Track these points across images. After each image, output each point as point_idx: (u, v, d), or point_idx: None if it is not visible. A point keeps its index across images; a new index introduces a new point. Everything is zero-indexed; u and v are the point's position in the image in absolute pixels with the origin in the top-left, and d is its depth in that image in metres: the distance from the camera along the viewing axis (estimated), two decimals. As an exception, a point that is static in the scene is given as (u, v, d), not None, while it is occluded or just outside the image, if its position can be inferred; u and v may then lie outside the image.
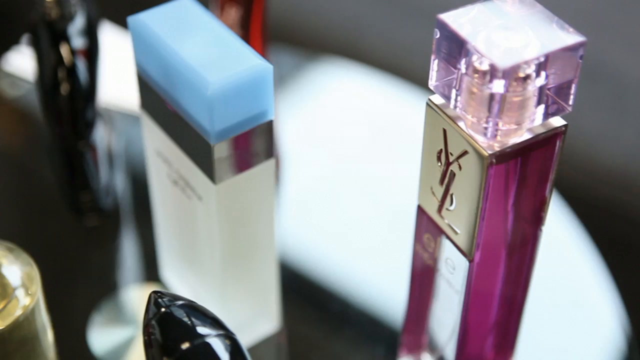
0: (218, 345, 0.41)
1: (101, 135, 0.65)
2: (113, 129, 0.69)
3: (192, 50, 0.47)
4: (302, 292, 0.65)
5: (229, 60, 0.47)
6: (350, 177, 0.73)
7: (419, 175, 0.46)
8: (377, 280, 0.65)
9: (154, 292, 0.44)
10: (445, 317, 0.51)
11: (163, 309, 0.43)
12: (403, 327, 0.56)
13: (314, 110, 0.78)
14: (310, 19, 0.96)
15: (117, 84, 0.75)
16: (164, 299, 0.43)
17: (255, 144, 0.49)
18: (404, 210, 0.69)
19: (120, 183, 0.69)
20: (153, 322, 0.43)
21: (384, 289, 0.65)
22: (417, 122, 0.77)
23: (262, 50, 0.62)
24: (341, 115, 0.78)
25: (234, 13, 0.60)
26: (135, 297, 0.63)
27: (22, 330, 0.50)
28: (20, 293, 0.49)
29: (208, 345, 0.41)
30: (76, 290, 0.60)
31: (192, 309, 0.43)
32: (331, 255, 0.67)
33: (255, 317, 0.59)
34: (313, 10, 1.00)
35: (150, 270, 0.65)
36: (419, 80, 0.81)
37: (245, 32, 0.61)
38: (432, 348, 0.55)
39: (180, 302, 0.43)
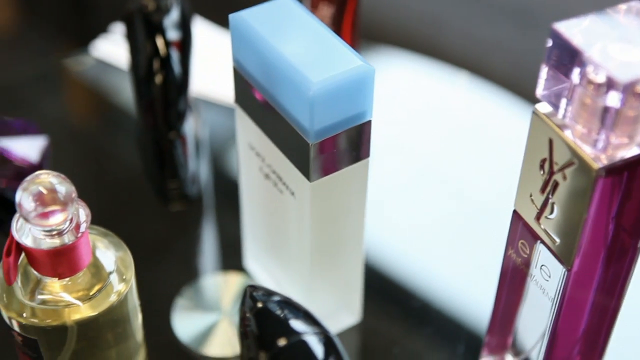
0: (314, 343, 0.42)
1: (190, 125, 0.66)
2: (200, 120, 0.70)
3: (293, 49, 0.48)
4: (384, 287, 0.65)
5: (331, 60, 0.47)
6: (432, 174, 0.73)
7: (517, 180, 0.46)
8: (459, 279, 0.66)
9: (250, 286, 0.45)
10: (534, 322, 0.51)
11: (259, 304, 0.44)
12: (488, 328, 0.56)
13: (394, 108, 0.78)
14: (390, 15, 0.96)
15: (205, 76, 0.76)
16: (259, 293, 0.44)
17: (352, 144, 0.49)
18: (488, 210, 0.69)
19: (205, 172, 0.70)
20: (249, 315, 0.43)
21: (466, 289, 0.65)
22: (498, 120, 0.77)
23: (353, 48, 0.63)
24: (421, 113, 0.78)
25: (326, 10, 0.61)
26: (219, 283, 0.64)
27: (115, 314, 0.51)
28: (114, 278, 0.50)
29: (304, 342, 0.42)
30: (160, 274, 0.62)
31: (288, 305, 0.44)
32: (413, 252, 0.67)
33: (338, 309, 0.60)
34: (392, 5, 1.00)
35: (233, 259, 0.66)
36: (497, 78, 0.81)
37: (337, 30, 0.61)
38: (516, 350, 0.55)
39: (276, 298, 0.44)
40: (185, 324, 0.62)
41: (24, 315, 0.48)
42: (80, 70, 0.82)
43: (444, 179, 0.72)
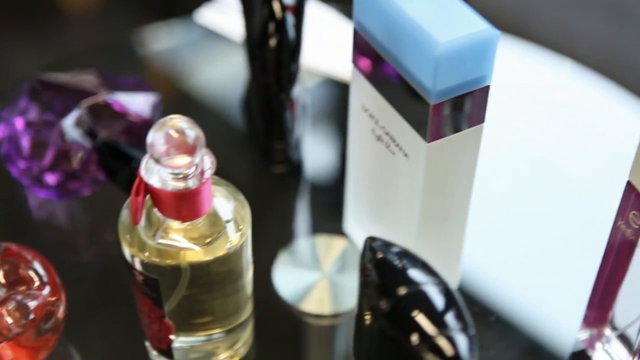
0: (434, 293, 0.43)
1: (298, 90, 0.67)
2: (305, 86, 0.72)
3: (419, 10, 0.49)
4: (482, 258, 0.66)
5: (456, 22, 0.48)
6: (525, 159, 0.73)
7: (634, 152, 0.47)
8: (559, 254, 0.66)
9: (369, 238, 0.46)
10: (637, 296, 0.52)
11: (379, 254, 0.45)
12: (588, 301, 0.57)
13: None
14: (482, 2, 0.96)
15: (313, 44, 0.77)
16: (379, 244, 0.45)
17: (470, 107, 0.50)
18: (586, 189, 0.70)
19: (307, 137, 0.72)
20: (369, 265, 0.45)
21: (565, 263, 0.65)
22: (598, 108, 0.77)
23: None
24: (522, 99, 0.79)
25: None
26: (319, 245, 0.66)
27: (229, 264, 0.53)
28: (231, 228, 0.52)
29: (424, 292, 0.43)
30: (260, 233, 0.63)
31: (407, 255, 0.45)
32: (512, 222, 0.68)
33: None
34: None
35: (333, 223, 0.68)
36: (589, 65, 0.81)
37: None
38: (615, 325, 0.55)
39: (395, 249, 0.45)
40: (285, 280, 0.64)
41: (146, 254, 0.50)
42: (186, 36, 0.84)
43: (535, 161, 0.73)
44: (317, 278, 0.64)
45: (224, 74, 0.81)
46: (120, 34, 0.84)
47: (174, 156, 0.47)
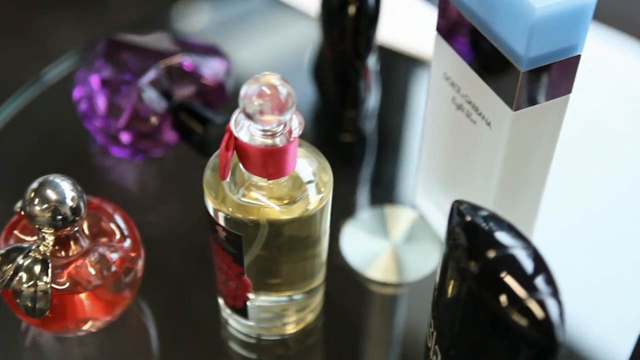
0: (523, 257, 0.43)
1: (373, 59, 0.68)
2: (377, 57, 0.72)
3: (513, -23, 0.49)
4: (554, 234, 0.66)
5: (552, -10, 0.48)
6: (602, 145, 0.73)
7: None
8: (622, 251, 0.66)
9: (456, 201, 0.46)
10: None
11: (468, 218, 0.45)
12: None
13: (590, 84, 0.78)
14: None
15: (388, 16, 0.77)
16: (466, 207, 0.45)
17: (559, 77, 0.50)
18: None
19: (379, 107, 0.72)
20: (458, 229, 0.45)
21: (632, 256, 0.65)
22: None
23: None
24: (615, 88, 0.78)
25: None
26: (388, 215, 0.66)
27: (307, 229, 0.53)
28: (312, 190, 0.52)
29: (513, 256, 0.43)
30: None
31: (495, 219, 0.45)
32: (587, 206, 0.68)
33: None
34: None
35: (401, 194, 0.68)
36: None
37: None
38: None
39: (483, 213, 0.45)
40: (352, 248, 0.64)
41: (230, 209, 0.51)
42: (243, 7, 0.85)
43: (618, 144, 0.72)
44: (384, 247, 0.64)
45: (289, 43, 0.81)
46: (168, 7, 0.85)
47: (265, 112, 0.47)
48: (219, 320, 0.60)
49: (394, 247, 0.64)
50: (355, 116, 0.69)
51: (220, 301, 0.59)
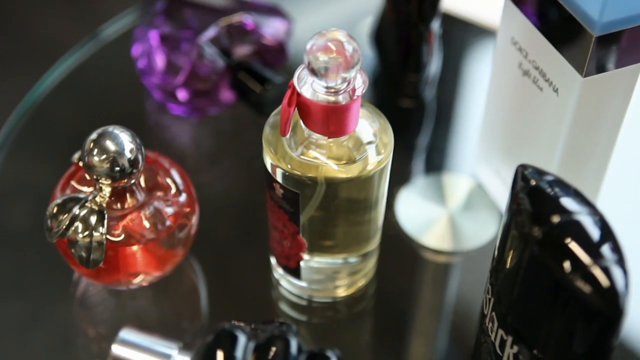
0: (589, 223, 0.42)
1: (437, 24, 0.66)
2: (440, 23, 0.71)
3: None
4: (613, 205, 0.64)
5: (630, -49, 0.46)
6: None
7: None
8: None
9: (521, 166, 0.45)
10: None
11: (532, 182, 0.44)
12: None
13: None
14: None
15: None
16: (531, 172, 0.44)
17: (631, 44, 0.49)
18: None
19: (439, 73, 0.71)
20: (522, 194, 0.44)
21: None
22: None
23: None
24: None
25: None
26: (445, 182, 0.65)
27: (364, 191, 0.52)
28: (372, 151, 0.51)
29: (578, 221, 0.42)
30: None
31: (561, 184, 0.44)
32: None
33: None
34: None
35: (458, 162, 0.67)
36: None
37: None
38: None
39: (548, 177, 0.44)
40: (408, 214, 0.63)
41: (289, 166, 0.50)
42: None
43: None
44: (440, 214, 0.63)
45: (350, 5, 0.80)
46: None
47: (330, 68, 0.46)
48: (270, 281, 0.59)
49: (450, 215, 0.63)
50: (416, 81, 0.67)
51: (273, 261, 0.58)
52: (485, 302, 0.49)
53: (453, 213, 0.63)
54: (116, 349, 0.42)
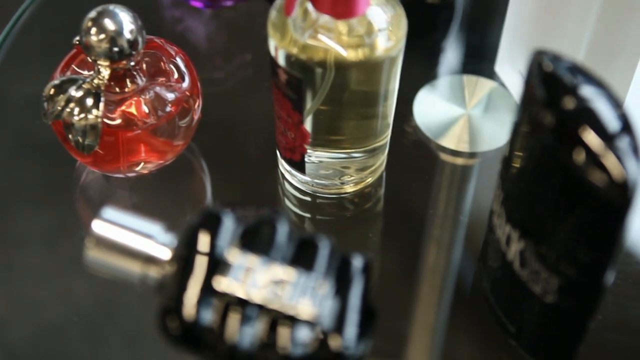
0: (606, 112, 0.39)
1: None
2: None
3: None
4: None
5: None
6: None
7: None
8: None
9: (538, 51, 0.42)
10: None
11: (548, 68, 0.41)
12: None
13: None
14: None
15: None
16: (549, 57, 0.41)
17: None
18: None
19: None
20: (535, 79, 0.41)
21: None
22: None
23: None
24: None
25: None
26: (466, 83, 0.62)
27: (372, 82, 0.49)
28: (383, 37, 0.48)
29: (594, 110, 0.39)
30: (407, 63, 0.60)
31: (578, 69, 0.41)
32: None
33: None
34: None
35: (484, 64, 0.64)
36: None
37: None
38: None
39: (565, 61, 0.41)
40: (426, 113, 0.60)
41: (295, 50, 0.47)
42: None
43: None
44: (459, 114, 0.60)
45: None
46: None
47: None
48: (276, 176, 0.57)
49: (469, 116, 0.60)
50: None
51: (279, 156, 0.56)
52: (495, 198, 0.47)
53: (473, 114, 0.60)
54: (98, 228, 0.40)
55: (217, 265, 0.37)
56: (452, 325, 0.52)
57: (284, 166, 0.56)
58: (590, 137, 0.38)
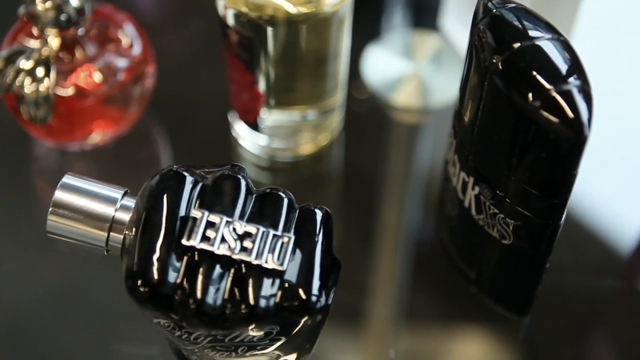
0: (550, 48, 0.39)
1: None
2: None
3: None
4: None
5: None
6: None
7: None
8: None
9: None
10: None
11: (494, 11, 0.41)
12: None
13: None
14: None
15: None
16: (494, 2, 0.42)
17: None
18: None
19: None
20: (481, 25, 0.41)
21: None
22: None
23: None
24: None
25: None
26: (414, 38, 0.62)
27: (321, 40, 0.50)
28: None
29: (540, 46, 0.39)
30: (355, 21, 0.60)
31: (524, 12, 0.41)
32: None
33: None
34: None
35: (428, 18, 0.64)
36: None
37: None
38: None
39: (511, 5, 0.42)
40: (376, 70, 0.61)
41: (244, 9, 0.47)
42: None
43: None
44: (408, 70, 0.61)
45: None
46: None
47: None
48: (230, 141, 0.57)
49: (418, 72, 0.61)
50: None
51: (234, 118, 0.56)
52: (448, 147, 0.47)
53: (422, 69, 0.61)
54: (59, 194, 0.40)
55: (179, 224, 0.37)
56: (413, 276, 0.53)
57: (238, 131, 0.56)
58: (538, 73, 0.38)
